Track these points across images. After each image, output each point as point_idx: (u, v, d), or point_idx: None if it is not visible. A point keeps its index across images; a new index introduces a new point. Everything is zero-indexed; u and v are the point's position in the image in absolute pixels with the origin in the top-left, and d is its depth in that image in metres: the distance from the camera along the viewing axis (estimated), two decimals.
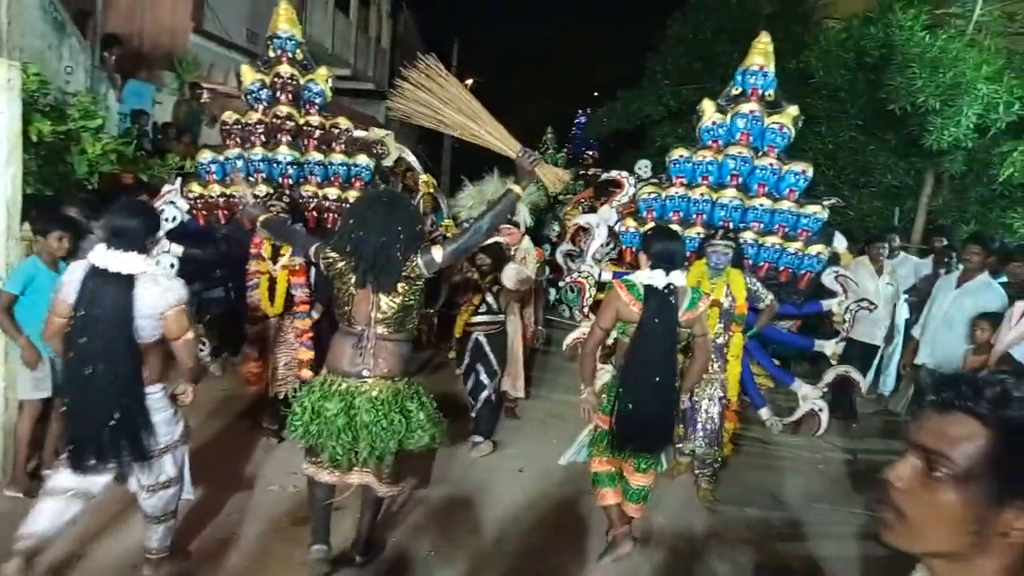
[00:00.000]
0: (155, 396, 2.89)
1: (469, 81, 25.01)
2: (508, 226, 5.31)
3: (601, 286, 4.83)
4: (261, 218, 3.48)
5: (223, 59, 11.09)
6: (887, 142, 8.67)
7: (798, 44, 9.29)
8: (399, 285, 2.95)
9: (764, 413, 4.78)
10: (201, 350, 4.95)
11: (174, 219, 4.88)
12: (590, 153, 15.51)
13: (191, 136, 8.71)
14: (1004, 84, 6.71)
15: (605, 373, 4.42)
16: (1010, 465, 0.97)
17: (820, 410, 4.75)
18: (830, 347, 4.86)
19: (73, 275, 2.75)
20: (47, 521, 2.76)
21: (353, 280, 2.95)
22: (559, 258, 5.65)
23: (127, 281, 2.71)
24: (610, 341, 3.71)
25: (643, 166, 8.00)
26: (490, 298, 5.00)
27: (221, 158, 4.97)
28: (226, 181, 4.95)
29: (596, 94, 21.74)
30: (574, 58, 25.06)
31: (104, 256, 2.72)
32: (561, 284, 6.65)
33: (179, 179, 5.15)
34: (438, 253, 2.99)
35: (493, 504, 4.13)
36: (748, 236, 4.78)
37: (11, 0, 3.77)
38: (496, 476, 4.54)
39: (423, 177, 5.76)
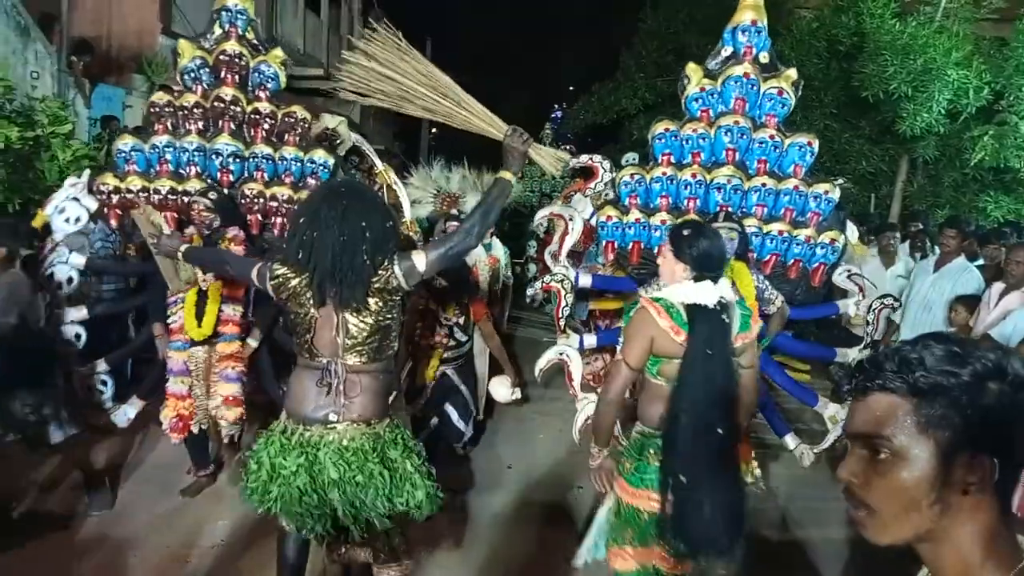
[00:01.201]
0: None
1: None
2: (454, 222, 4.52)
3: (582, 293, 4.26)
4: (182, 249, 2.87)
5: None
6: (861, 129, 8.77)
7: (770, 33, 9.35)
8: (371, 300, 2.34)
9: (790, 441, 4.18)
10: (101, 392, 4.20)
11: (78, 220, 4.10)
12: (567, 148, 15.53)
13: None
14: (973, 69, 6.83)
15: (588, 402, 3.86)
16: (939, 424, 0.99)
17: None
18: (854, 355, 4.18)
19: None
20: None
21: (311, 299, 2.34)
22: (547, 258, 4.85)
23: None
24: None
25: (630, 159, 7.87)
26: (457, 332, 4.23)
27: (146, 146, 4.20)
28: (150, 174, 4.19)
29: (571, 88, 21.78)
30: (549, 53, 25.08)
31: None
32: (530, 291, 5.92)
33: (87, 171, 4.34)
34: (420, 260, 2.36)
35: (482, 505, 4.10)
36: (750, 223, 4.05)
37: None
38: (483, 476, 4.52)
39: (380, 167, 4.99)
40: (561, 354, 4.03)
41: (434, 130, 25.68)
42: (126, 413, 4.16)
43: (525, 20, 25.78)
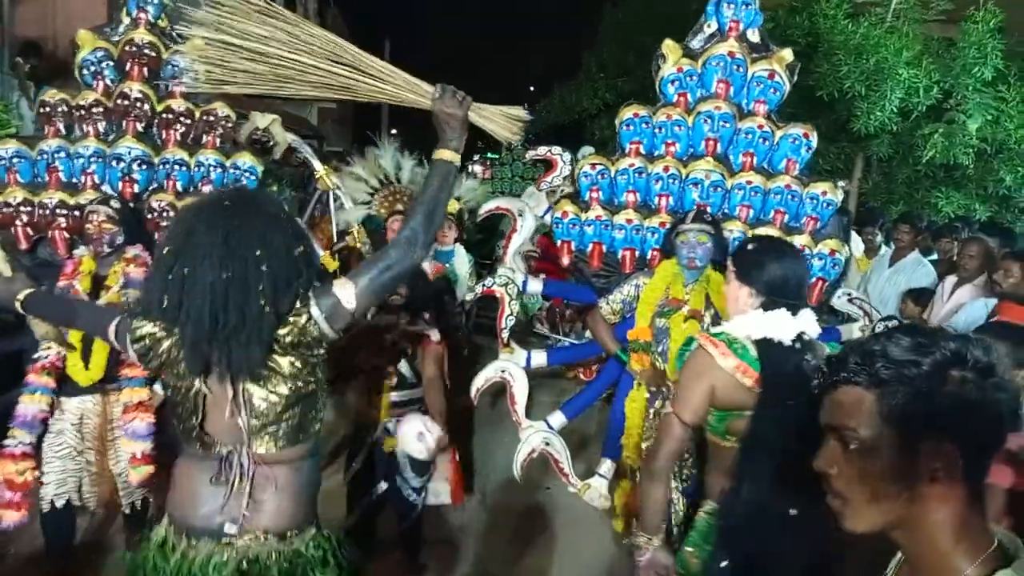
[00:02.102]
0: None
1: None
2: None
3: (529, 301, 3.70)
4: (20, 296, 1.98)
5: None
6: (817, 128, 8.91)
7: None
8: (281, 360, 1.68)
9: None
10: None
11: None
12: (530, 149, 15.56)
13: None
14: (923, 69, 7.03)
15: (532, 432, 3.40)
16: (902, 414, 1.03)
17: None
18: None
19: None
20: None
21: (204, 368, 1.68)
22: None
23: None
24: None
25: (587, 152, 7.77)
26: (403, 365, 3.26)
27: (32, 152, 3.61)
28: (36, 184, 3.61)
29: (531, 89, 21.84)
30: (510, 53, 25.13)
31: None
32: (468, 296, 4.75)
33: None
34: (346, 292, 1.69)
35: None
36: (734, 228, 3.53)
37: None
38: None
39: (320, 171, 4.42)
40: (503, 371, 3.58)
41: (394, 131, 25.52)
42: None
43: (491, 21, 25.81)
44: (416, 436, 3.00)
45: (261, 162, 3.84)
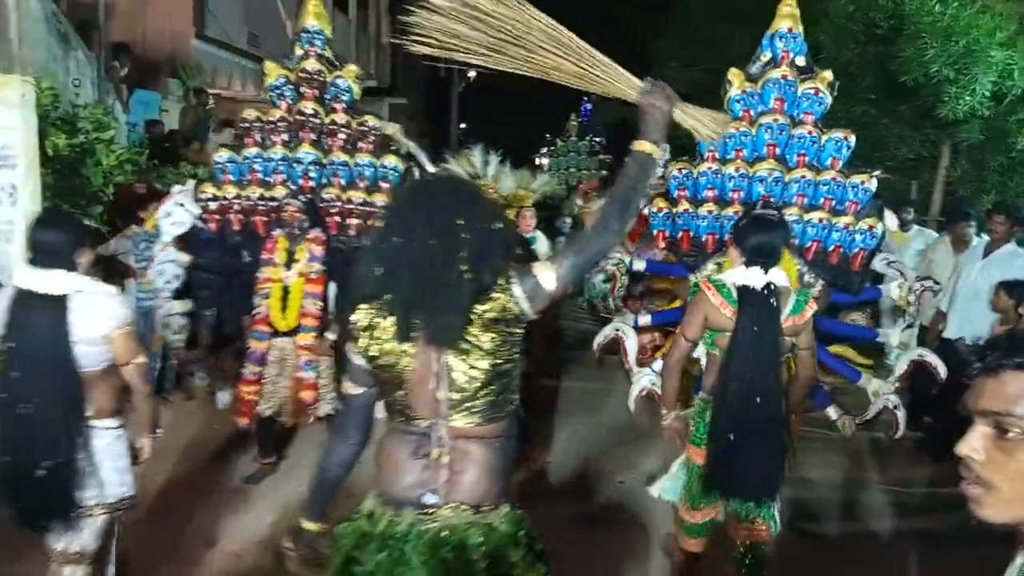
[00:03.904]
0: (107, 435, 2.52)
1: (472, 74, 24.99)
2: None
3: (634, 276, 4.71)
4: None
5: (226, 63, 11.10)
6: (901, 114, 8.58)
7: (805, 20, 9.21)
8: (482, 336, 1.71)
9: (832, 412, 4.40)
10: (201, 379, 4.86)
11: (182, 223, 4.62)
12: (598, 140, 15.45)
13: (199, 142, 8.73)
14: (1018, 50, 6.63)
15: (643, 375, 4.24)
16: None
17: (895, 407, 4.26)
18: (896, 335, 4.49)
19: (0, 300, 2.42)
20: None
21: (399, 344, 1.74)
22: None
23: (59, 303, 2.36)
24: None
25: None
26: None
27: (239, 158, 4.69)
28: (242, 182, 4.67)
29: None
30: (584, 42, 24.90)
31: (29, 276, 2.39)
32: (587, 275, 6.10)
33: (192, 180, 4.92)
34: (547, 274, 1.75)
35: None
36: (792, 212, 4.37)
37: (19, 16, 3.75)
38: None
39: (430, 169, 5.26)
40: (617, 330, 4.45)
41: (463, 125, 25.76)
42: (222, 398, 4.76)
43: (557, 12, 25.64)
44: None
45: (402, 162, 4.69)
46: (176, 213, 4.57)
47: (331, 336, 4.14)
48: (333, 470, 1.90)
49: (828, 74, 4.48)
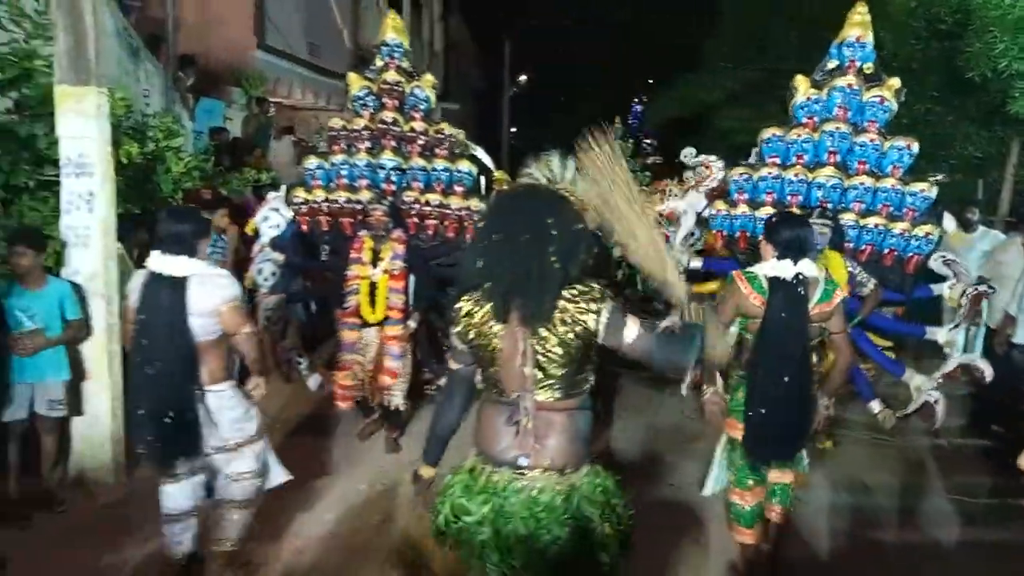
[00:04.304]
0: (224, 394, 2.97)
1: (523, 78, 25.08)
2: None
3: (690, 274, 4.82)
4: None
5: (287, 73, 11.41)
6: (966, 111, 8.27)
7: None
8: (562, 327, 1.98)
9: (874, 406, 4.56)
10: (299, 363, 5.24)
11: (278, 226, 5.05)
12: (648, 142, 15.36)
13: (261, 149, 9.01)
14: None
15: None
16: None
17: (936, 401, 4.49)
18: (943, 335, 4.58)
19: (135, 282, 2.92)
20: (184, 538, 3.03)
21: (494, 325, 2.04)
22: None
23: (179, 283, 2.82)
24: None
25: (688, 154, 7.83)
26: None
27: (327, 164, 5.07)
28: (330, 187, 5.07)
29: (651, 82, 21.49)
30: (629, 46, 24.75)
31: (158, 261, 2.86)
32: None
33: (284, 187, 5.36)
34: (632, 330, 2.00)
35: None
36: (848, 217, 4.55)
37: (96, 32, 3.95)
38: None
39: (496, 174, 5.65)
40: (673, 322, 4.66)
41: (513, 129, 25.88)
42: (316, 380, 5.19)
43: (604, 14, 25.57)
44: None
45: (475, 166, 5.01)
46: (272, 217, 5.01)
47: (412, 325, 4.54)
48: (443, 429, 2.28)
49: (895, 81, 4.56)
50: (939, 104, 8.41)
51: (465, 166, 5.00)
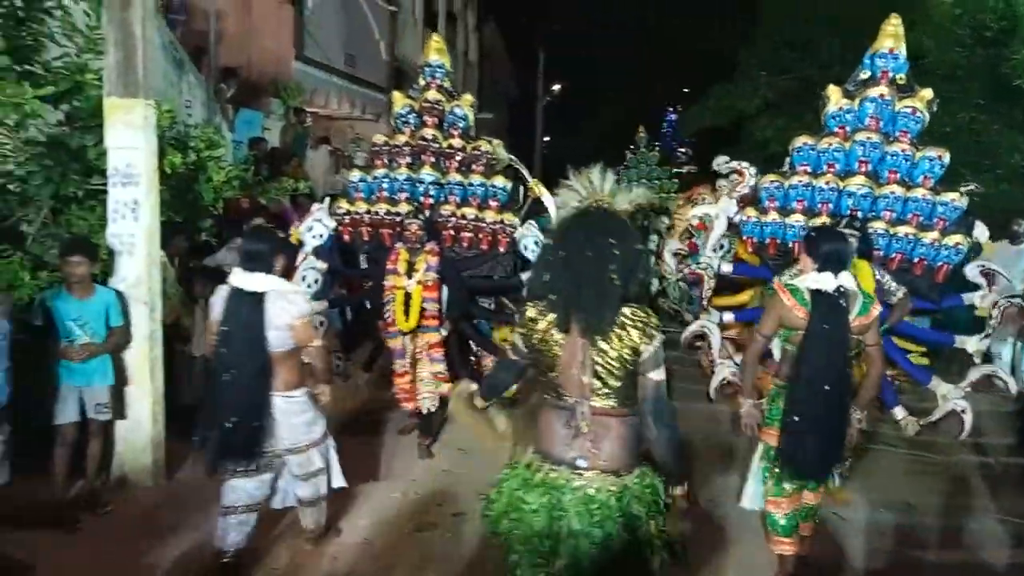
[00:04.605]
0: (296, 400, 3.21)
1: (556, 87, 25.13)
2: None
3: (720, 279, 5.02)
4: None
5: (324, 83, 11.60)
6: (1013, 120, 8.08)
7: (905, 23, 8.82)
8: (617, 340, 2.14)
9: (898, 412, 4.56)
10: (338, 365, 5.29)
11: (321, 236, 5.22)
12: (682, 151, 15.26)
13: (298, 158, 9.15)
14: None
15: (724, 366, 4.75)
16: None
17: (963, 411, 4.48)
18: (973, 344, 4.59)
19: (219, 296, 3.16)
20: (235, 534, 3.17)
21: (556, 335, 2.20)
22: (666, 256, 5.72)
23: (258, 298, 3.05)
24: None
25: (722, 162, 7.79)
26: None
27: (369, 177, 5.29)
28: (371, 199, 5.27)
29: (686, 91, 21.35)
30: (662, 55, 24.65)
31: (240, 278, 3.08)
32: (671, 279, 6.49)
33: (327, 198, 5.58)
34: (657, 374, 2.19)
35: None
36: (878, 226, 4.60)
37: (145, 45, 4.06)
38: None
39: (531, 183, 5.71)
40: (703, 326, 4.99)
41: (547, 138, 25.94)
42: (357, 381, 5.47)
43: (637, 24, 25.49)
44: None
45: (509, 182, 5.21)
46: (316, 227, 5.21)
47: (443, 333, 4.68)
48: (498, 382, 2.59)
49: (928, 92, 4.60)
50: (984, 112, 8.23)
51: (500, 181, 5.15)
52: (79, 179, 4.40)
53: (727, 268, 5.05)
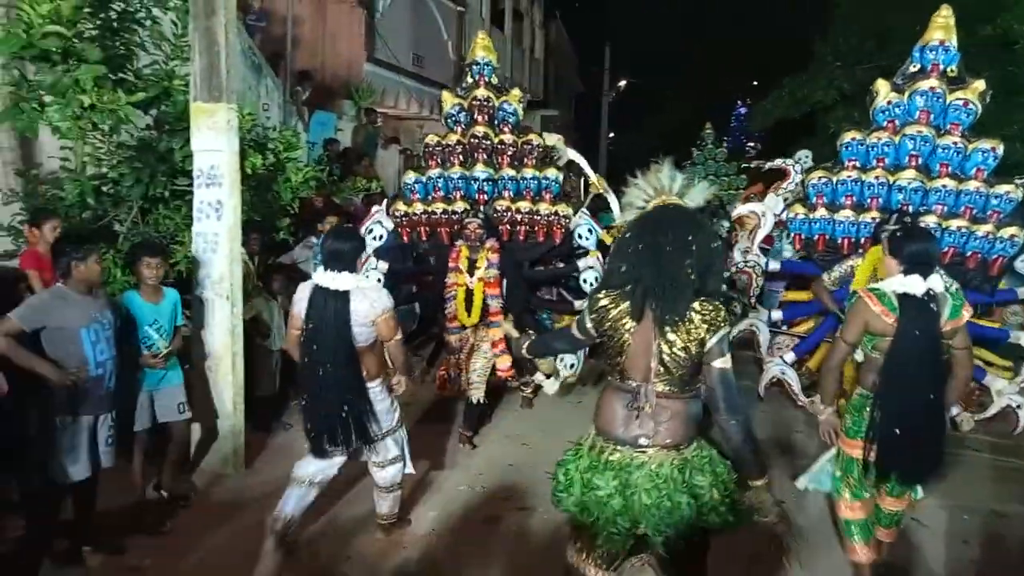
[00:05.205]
0: (375, 390, 3.34)
1: (622, 83, 24.90)
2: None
3: (769, 275, 5.14)
4: (524, 348, 2.83)
5: (393, 84, 11.84)
6: None
7: (994, 6, 8.36)
8: (685, 332, 2.22)
9: (953, 409, 4.44)
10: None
11: (381, 237, 5.34)
12: (751, 145, 14.90)
13: (369, 158, 9.37)
14: None
15: (773, 364, 4.75)
16: None
17: (1019, 407, 4.52)
18: None
19: (302, 293, 3.25)
20: (293, 504, 3.25)
21: (628, 322, 2.28)
22: (736, 255, 5.56)
23: (343, 296, 3.15)
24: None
25: (804, 156, 7.54)
26: None
27: (424, 178, 5.34)
28: (428, 199, 5.31)
29: (756, 83, 20.81)
30: (730, 49, 24.10)
31: (325, 277, 3.19)
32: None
33: (386, 200, 5.67)
34: (722, 361, 2.24)
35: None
36: (930, 220, 4.58)
37: (228, 51, 4.24)
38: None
39: (593, 178, 5.80)
40: (751, 325, 5.08)
41: (612, 134, 25.72)
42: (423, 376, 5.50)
43: (706, 17, 25.01)
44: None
45: (561, 173, 5.23)
46: (376, 229, 5.35)
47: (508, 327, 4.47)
48: (545, 346, 2.90)
49: (980, 84, 4.55)
50: None
51: (552, 173, 5.17)
52: (166, 180, 4.65)
53: (775, 265, 5.06)
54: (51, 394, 3.11)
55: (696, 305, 2.22)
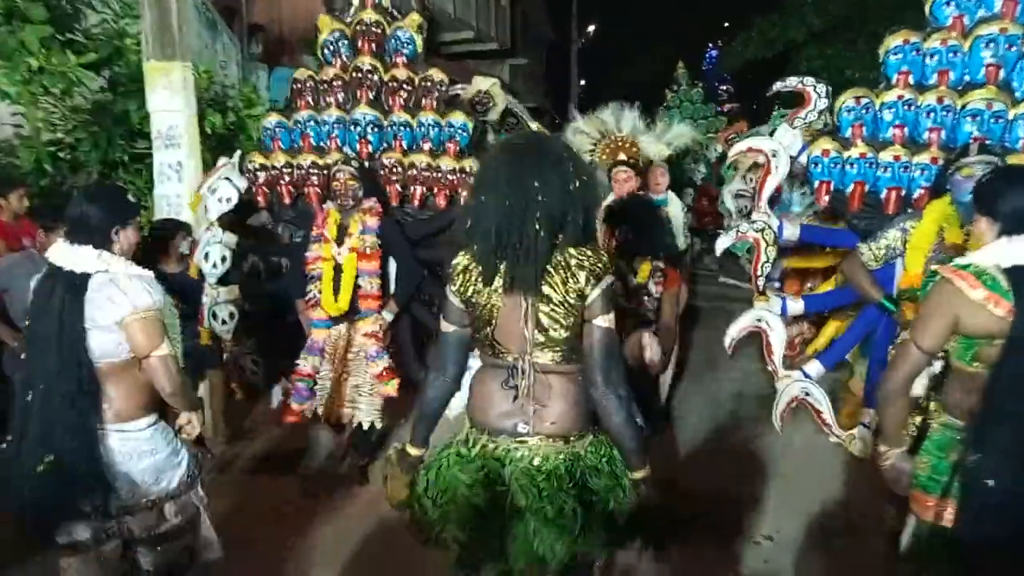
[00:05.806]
0: (140, 434, 2.21)
1: (591, 28, 24.45)
2: (627, 170, 4.06)
3: (782, 250, 3.60)
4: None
5: None
6: None
7: None
8: (558, 287, 1.83)
9: None
10: (254, 372, 4.43)
11: (229, 200, 4.00)
12: (724, 88, 14.77)
13: None
14: None
15: (792, 382, 3.41)
16: None
17: None
18: None
19: (34, 278, 2.23)
20: None
21: (492, 280, 1.87)
22: (727, 199, 4.68)
23: (79, 282, 2.11)
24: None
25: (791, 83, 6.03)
26: (648, 303, 3.50)
27: (289, 122, 4.19)
28: (293, 150, 4.19)
29: (727, 25, 20.57)
30: None
31: (59, 251, 2.16)
32: (722, 235, 4.19)
33: (238, 152, 4.30)
34: (604, 320, 1.85)
35: None
36: (1018, 161, 3.16)
37: (179, 6, 4.07)
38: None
39: (533, 127, 4.57)
40: (759, 320, 3.46)
41: (583, 82, 25.37)
42: (277, 393, 4.21)
43: None
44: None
45: (471, 119, 4.11)
46: (222, 188, 3.97)
47: (388, 317, 3.68)
48: (432, 403, 2.06)
49: None
50: None
51: (459, 119, 4.05)
52: (124, 143, 4.50)
53: (792, 231, 3.47)
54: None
55: (572, 251, 1.83)
